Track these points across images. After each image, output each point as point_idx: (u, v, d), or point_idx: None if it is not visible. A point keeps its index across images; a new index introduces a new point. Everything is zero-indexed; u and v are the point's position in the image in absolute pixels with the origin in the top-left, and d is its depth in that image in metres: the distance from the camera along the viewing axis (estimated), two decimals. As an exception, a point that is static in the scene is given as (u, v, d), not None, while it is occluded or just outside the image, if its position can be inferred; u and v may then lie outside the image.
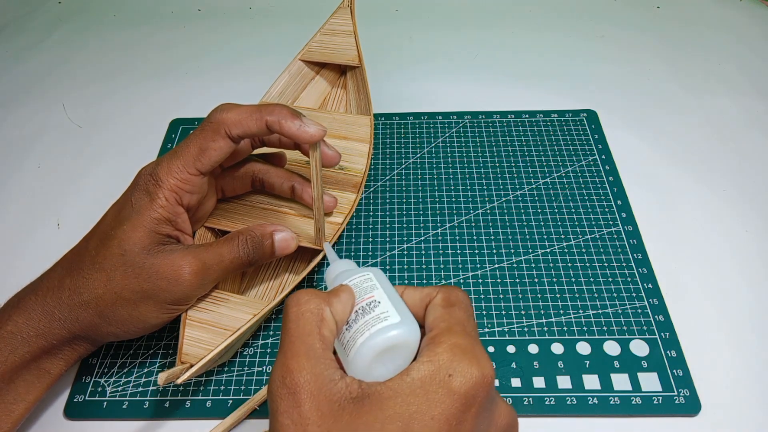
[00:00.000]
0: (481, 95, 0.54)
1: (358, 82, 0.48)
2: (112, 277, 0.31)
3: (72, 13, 0.67)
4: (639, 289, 0.39)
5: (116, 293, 0.31)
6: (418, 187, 0.45)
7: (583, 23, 0.63)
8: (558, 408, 0.33)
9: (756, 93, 0.54)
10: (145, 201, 0.32)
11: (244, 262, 0.34)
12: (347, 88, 0.49)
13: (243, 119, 0.32)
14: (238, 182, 0.39)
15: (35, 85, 0.57)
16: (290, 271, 0.39)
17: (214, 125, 0.33)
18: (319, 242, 0.36)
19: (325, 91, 0.50)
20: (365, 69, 0.47)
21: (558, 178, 0.46)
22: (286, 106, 0.33)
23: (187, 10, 0.67)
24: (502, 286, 0.39)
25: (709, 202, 0.45)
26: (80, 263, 0.32)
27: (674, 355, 0.35)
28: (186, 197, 0.33)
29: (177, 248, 0.32)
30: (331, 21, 0.49)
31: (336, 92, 0.50)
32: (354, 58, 0.47)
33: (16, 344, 0.30)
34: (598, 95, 0.53)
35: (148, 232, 0.32)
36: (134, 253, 0.31)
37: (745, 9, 0.64)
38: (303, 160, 0.42)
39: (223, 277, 0.34)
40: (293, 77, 0.48)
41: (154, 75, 0.58)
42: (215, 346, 0.31)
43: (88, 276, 0.31)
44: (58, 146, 0.51)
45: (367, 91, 0.47)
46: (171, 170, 0.33)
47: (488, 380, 0.23)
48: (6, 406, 0.31)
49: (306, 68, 0.48)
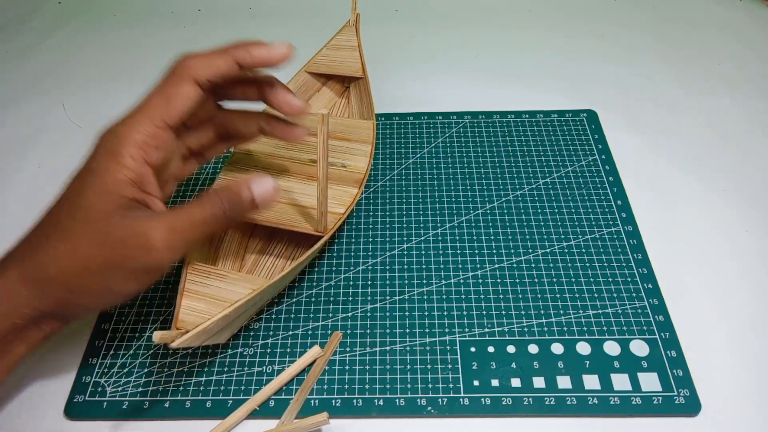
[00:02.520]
0: (481, 95, 0.54)
1: (361, 91, 0.49)
2: (78, 248, 0.29)
3: (72, 13, 0.67)
4: (639, 289, 0.39)
5: (83, 265, 0.29)
6: (418, 187, 0.45)
7: (583, 23, 0.63)
8: (558, 408, 0.33)
9: (756, 93, 0.54)
10: (109, 162, 0.29)
11: (220, 219, 0.31)
12: (350, 98, 0.50)
13: (210, 60, 0.31)
14: (203, 135, 0.36)
15: (35, 85, 0.57)
16: (291, 258, 0.40)
17: (180, 71, 0.31)
18: (320, 228, 0.36)
19: (330, 102, 0.51)
20: (369, 79, 0.48)
21: (558, 178, 0.46)
22: (248, 41, 0.32)
23: (187, 10, 0.67)
24: (502, 286, 0.39)
25: (709, 202, 0.45)
26: (43, 236, 0.30)
27: (674, 355, 0.35)
28: (153, 154, 0.31)
29: (143, 214, 0.30)
30: (337, 37, 0.51)
31: (341, 102, 0.51)
32: (358, 70, 0.48)
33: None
34: (598, 95, 0.53)
35: (113, 197, 0.29)
36: (98, 220, 0.29)
37: (745, 9, 0.64)
38: (293, 157, 0.42)
39: (198, 239, 0.31)
40: (297, 88, 0.49)
41: (155, 75, 0.58)
42: (212, 316, 0.30)
43: (52, 249, 0.29)
44: (58, 146, 0.51)
45: (370, 98, 0.48)
46: (135, 125, 0.30)
47: None
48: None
49: (312, 79, 0.50)
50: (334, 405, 0.34)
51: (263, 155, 0.43)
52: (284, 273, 0.35)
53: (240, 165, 0.42)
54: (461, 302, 0.38)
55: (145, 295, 0.39)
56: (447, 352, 0.36)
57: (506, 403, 0.34)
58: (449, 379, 0.35)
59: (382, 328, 0.37)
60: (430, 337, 0.37)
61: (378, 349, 0.36)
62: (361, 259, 0.41)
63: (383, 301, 0.39)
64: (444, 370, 0.35)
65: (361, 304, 0.38)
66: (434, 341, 0.37)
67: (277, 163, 0.42)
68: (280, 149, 0.43)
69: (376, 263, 0.41)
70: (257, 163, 0.42)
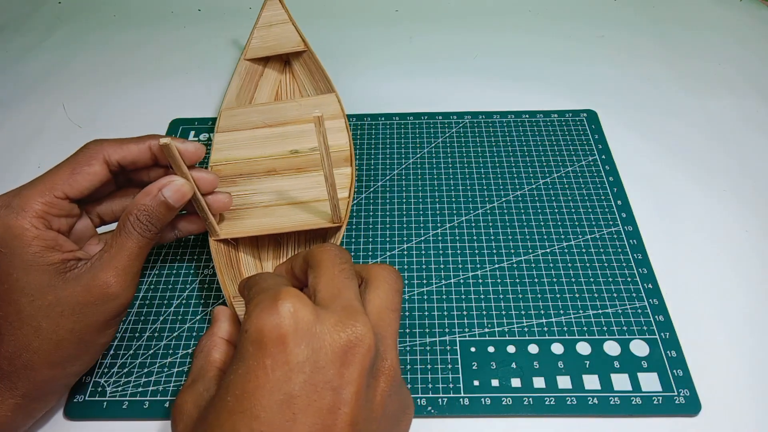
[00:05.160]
0: (481, 95, 0.54)
1: (309, 65, 0.48)
2: (40, 327, 0.28)
3: (72, 13, 0.67)
4: (639, 289, 0.39)
5: (55, 339, 0.28)
6: (418, 187, 0.45)
7: (582, 23, 0.63)
8: (558, 408, 0.33)
9: (756, 93, 0.54)
10: (12, 240, 0.28)
11: (150, 237, 0.31)
12: (295, 74, 0.49)
13: (123, 144, 0.32)
14: (115, 204, 0.36)
15: (35, 85, 0.57)
16: None
17: (91, 150, 0.31)
18: (336, 218, 0.36)
19: (275, 83, 0.50)
20: (313, 50, 0.47)
21: (558, 178, 0.46)
22: None
23: (187, 10, 0.67)
24: (502, 286, 0.39)
25: (709, 202, 0.45)
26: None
27: (674, 355, 0.35)
28: (56, 222, 0.30)
29: (84, 269, 0.29)
30: (264, 15, 0.49)
31: (285, 80, 0.50)
32: (299, 43, 0.47)
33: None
34: (598, 95, 0.53)
35: (41, 269, 0.28)
36: (43, 294, 0.28)
37: (745, 9, 0.64)
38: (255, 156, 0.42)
39: (142, 262, 0.32)
40: (243, 78, 0.48)
41: (154, 75, 0.58)
42: None
43: (13, 338, 0.28)
44: (58, 146, 0.51)
45: (322, 69, 0.46)
46: (34, 196, 0.29)
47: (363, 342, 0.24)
48: None
49: (253, 66, 0.49)
50: (334, 405, 0.34)
51: (243, 161, 0.42)
52: None
53: (223, 176, 0.41)
54: (461, 302, 0.38)
55: (145, 295, 0.39)
56: (447, 352, 0.36)
57: (506, 403, 0.34)
58: (449, 379, 0.35)
59: (382, 328, 0.37)
60: (430, 337, 0.37)
61: (378, 349, 0.36)
62: (361, 259, 0.41)
63: (383, 301, 0.39)
64: (444, 370, 0.35)
65: (361, 304, 0.38)
66: (434, 341, 0.37)
67: (259, 165, 0.42)
68: (256, 149, 0.42)
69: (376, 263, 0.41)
70: (240, 171, 0.41)
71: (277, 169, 0.41)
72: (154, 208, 0.31)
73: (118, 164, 0.32)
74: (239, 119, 0.45)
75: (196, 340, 0.37)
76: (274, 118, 0.44)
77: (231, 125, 0.45)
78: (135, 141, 0.32)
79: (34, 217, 0.29)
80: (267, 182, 0.40)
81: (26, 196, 0.29)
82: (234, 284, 0.36)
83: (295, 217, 0.38)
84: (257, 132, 0.44)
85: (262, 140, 0.43)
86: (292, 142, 0.43)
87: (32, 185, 0.30)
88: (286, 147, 0.42)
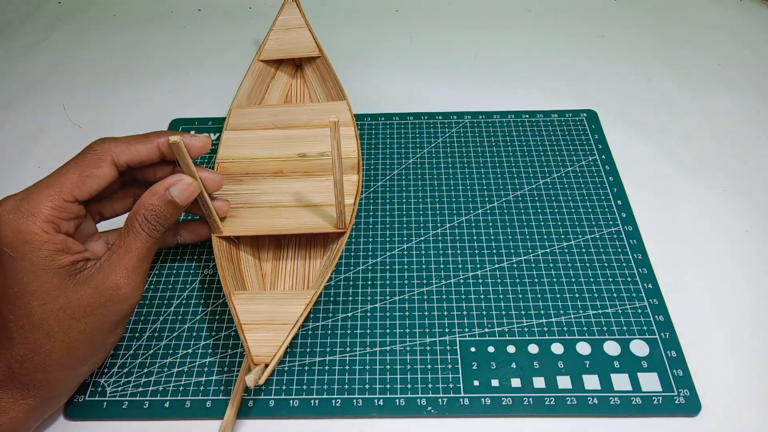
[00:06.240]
0: (481, 95, 0.54)
1: (322, 71, 0.48)
2: (52, 330, 0.28)
3: (72, 13, 0.67)
4: (639, 289, 0.39)
5: (67, 341, 0.29)
6: (418, 187, 0.45)
7: (583, 23, 0.63)
8: (558, 408, 0.33)
9: (756, 93, 0.54)
10: (22, 245, 0.28)
11: (158, 237, 0.31)
12: (307, 79, 0.49)
13: (131, 144, 0.31)
14: (117, 204, 0.36)
15: (35, 85, 0.57)
16: (307, 259, 0.39)
17: (99, 152, 0.31)
18: (341, 224, 0.37)
19: (286, 86, 0.50)
20: (327, 57, 0.47)
21: (558, 178, 0.46)
22: (171, 132, 0.33)
23: (187, 10, 0.67)
24: (502, 286, 0.39)
25: (709, 202, 0.45)
26: (7, 336, 0.29)
27: (674, 355, 0.35)
28: (64, 225, 0.30)
29: (93, 271, 0.30)
30: (281, 17, 0.49)
31: (296, 84, 0.50)
32: (313, 49, 0.47)
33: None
34: (598, 95, 0.53)
35: (51, 272, 0.28)
36: (54, 298, 0.28)
37: (745, 9, 0.64)
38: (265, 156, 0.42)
39: (150, 262, 0.32)
40: (255, 79, 0.48)
41: (155, 75, 0.58)
42: (281, 341, 0.31)
43: (26, 342, 0.28)
44: (58, 146, 0.51)
45: (335, 76, 0.46)
46: (42, 200, 0.29)
47: None
48: None
49: (266, 67, 0.49)
50: (334, 405, 0.34)
51: (250, 160, 0.42)
52: (325, 280, 0.35)
53: (230, 174, 0.41)
54: (461, 302, 0.38)
55: (145, 295, 0.39)
56: (447, 352, 0.36)
57: (506, 403, 0.34)
58: (449, 379, 0.35)
59: (382, 328, 0.37)
60: (430, 337, 0.37)
61: (378, 349, 0.36)
62: (361, 259, 0.41)
63: (383, 301, 0.39)
64: (444, 370, 0.35)
65: (361, 304, 0.38)
66: (434, 341, 0.37)
67: (267, 165, 0.42)
68: (264, 150, 0.43)
69: (376, 263, 0.41)
70: (247, 170, 0.41)
71: (283, 171, 0.41)
72: (162, 208, 0.31)
73: (126, 165, 0.32)
74: (249, 118, 0.45)
75: (197, 340, 0.37)
76: (284, 121, 0.44)
77: (240, 124, 0.45)
78: (142, 140, 0.32)
79: (43, 221, 0.29)
80: (273, 183, 0.40)
81: (35, 200, 0.29)
82: (234, 280, 0.36)
83: (300, 220, 0.38)
84: (266, 133, 0.44)
85: (270, 141, 0.43)
86: (300, 146, 0.43)
87: (40, 188, 0.30)
88: (295, 150, 0.42)
